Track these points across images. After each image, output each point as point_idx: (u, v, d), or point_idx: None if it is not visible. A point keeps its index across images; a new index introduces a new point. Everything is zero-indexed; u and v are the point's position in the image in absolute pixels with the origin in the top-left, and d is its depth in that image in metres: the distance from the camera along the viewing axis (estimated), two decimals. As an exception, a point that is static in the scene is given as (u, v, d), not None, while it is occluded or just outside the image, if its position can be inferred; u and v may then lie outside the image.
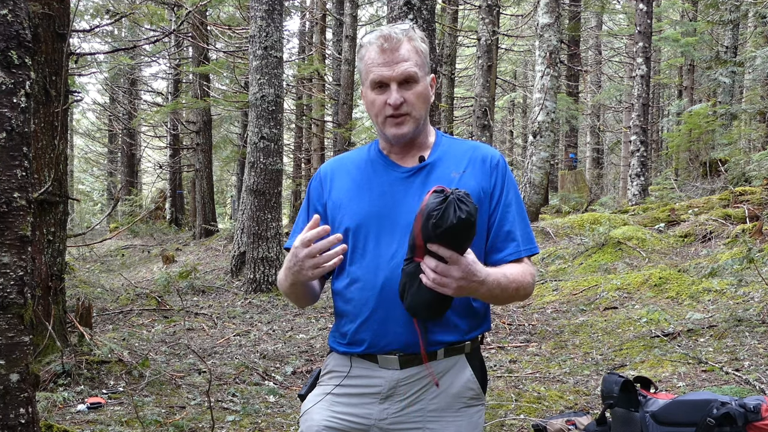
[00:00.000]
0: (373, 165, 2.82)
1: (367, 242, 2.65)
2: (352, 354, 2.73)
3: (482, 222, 2.70)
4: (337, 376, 2.78)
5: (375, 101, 2.71)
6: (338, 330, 2.80)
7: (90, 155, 45.10)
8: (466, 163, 2.76)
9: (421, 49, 2.72)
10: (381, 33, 2.70)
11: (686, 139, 20.89)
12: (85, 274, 16.24)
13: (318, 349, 8.99)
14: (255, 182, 13.18)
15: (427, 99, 2.74)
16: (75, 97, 7.71)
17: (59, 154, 6.65)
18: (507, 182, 2.77)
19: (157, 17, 19.52)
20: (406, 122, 2.68)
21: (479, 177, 2.73)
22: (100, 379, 6.88)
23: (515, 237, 2.72)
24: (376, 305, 2.61)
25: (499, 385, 6.98)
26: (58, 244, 6.82)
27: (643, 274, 10.62)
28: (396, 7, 8.97)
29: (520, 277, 2.65)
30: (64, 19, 6.75)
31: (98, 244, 23.71)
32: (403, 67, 2.65)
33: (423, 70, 2.71)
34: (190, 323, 10.59)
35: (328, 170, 2.92)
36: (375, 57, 2.68)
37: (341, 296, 2.74)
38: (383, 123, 2.71)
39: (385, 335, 2.62)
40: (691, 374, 6.70)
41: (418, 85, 2.69)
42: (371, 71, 2.69)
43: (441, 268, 2.32)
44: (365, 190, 2.74)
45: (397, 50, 2.66)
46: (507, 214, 2.74)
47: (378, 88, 2.69)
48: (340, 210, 2.75)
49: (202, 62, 23.40)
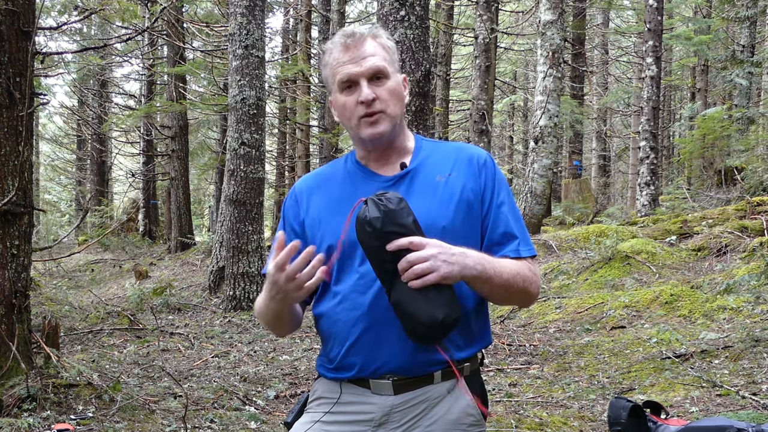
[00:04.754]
0: (352, 177, 2.83)
1: (353, 259, 2.65)
2: (342, 380, 2.73)
3: (474, 225, 2.72)
4: (327, 402, 2.78)
5: (346, 104, 2.72)
6: (326, 355, 2.80)
7: (57, 162, 45.08)
8: (452, 165, 2.77)
9: (387, 45, 2.75)
10: (343, 32, 2.74)
11: (699, 146, 20.95)
12: (51, 291, 16.19)
13: (303, 371, 8.99)
14: (235, 192, 13.18)
15: (400, 96, 2.76)
16: (41, 100, 7.71)
17: (24, 162, 6.65)
18: (497, 181, 2.79)
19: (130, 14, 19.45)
20: (381, 120, 2.69)
21: (467, 178, 2.74)
22: (68, 404, 6.86)
23: (514, 235, 2.74)
24: (365, 326, 2.61)
25: (498, 410, 6.99)
26: (22, 259, 6.80)
27: (653, 291, 10.64)
28: (387, 2, 8.99)
29: (525, 271, 2.67)
30: (29, 15, 6.75)
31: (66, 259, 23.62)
32: (371, 62, 2.67)
33: (392, 66, 2.74)
34: (164, 343, 10.58)
35: (303, 187, 2.93)
36: (339, 56, 2.71)
37: (328, 318, 2.73)
38: (357, 126, 2.71)
39: (377, 358, 2.62)
40: (704, 398, 6.71)
41: (389, 81, 2.71)
42: (337, 72, 2.71)
43: (413, 255, 2.34)
44: (346, 204, 2.71)
45: (362, 45, 2.68)
46: (500, 214, 2.75)
47: (347, 89, 2.70)
48: (320, 227, 2.75)
49: (177, 62, 23.43)
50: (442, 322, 2.38)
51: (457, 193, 2.69)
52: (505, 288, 2.59)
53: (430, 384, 2.66)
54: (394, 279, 2.40)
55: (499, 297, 2.67)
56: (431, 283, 2.34)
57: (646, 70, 19.96)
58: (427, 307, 2.36)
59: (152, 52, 27.60)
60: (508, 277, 2.58)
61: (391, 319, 2.48)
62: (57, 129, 43.50)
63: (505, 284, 2.57)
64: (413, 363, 2.61)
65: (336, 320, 2.69)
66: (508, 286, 2.59)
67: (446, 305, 2.39)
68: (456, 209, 2.67)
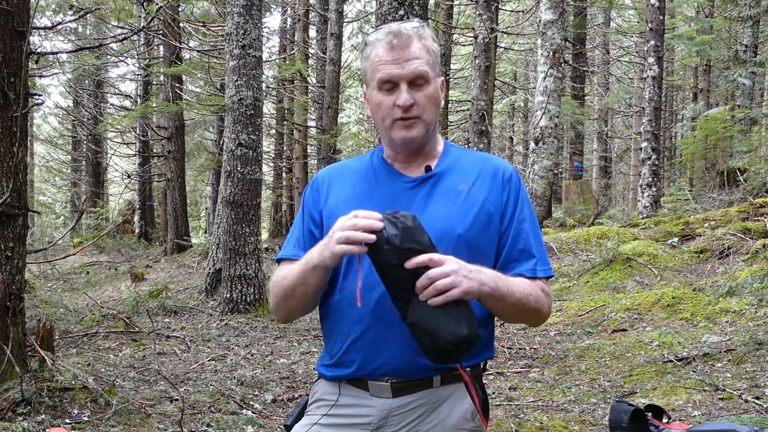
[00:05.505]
0: (376, 173, 2.82)
1: (365, 255, 2.62)
2: (341, 380, 2.73)
3: (491, 239, 2.72)
4: (325, 405, 2.78)
5: (382, 103, 2.69)
6: (327, 351, 2.80)
7: (52, 164, 45.03)
8: (476, 175, 2.76)
9: (432, 48, 2.72)
10: (390, 29, 2.69)
11: (702, 146, 20.95)
12: (46, 293, 16.19)
13: (300, 375, 8.99)
14: (232, 193, 13.16)
15: (437, 102, 2.74)
16: (35, 101, 7.72)
17: (18, 163, 6.65)
18: (521, 198, 2.79)
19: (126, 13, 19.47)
20: (415, 125, 2.67)
21: (489, 191, 2.73)
22: (62, 408, 6.86)
23: (532, 254, 2.73)
24: (369, 323, 2.60)
25: (498, 414, 6.99)
26: (17, 261, 6.80)
27: (654, 294, 10.65)
28: (386, 1, 8.99)
29: (538, 291, 2.67)
30: (24, 15, 6.75)
31: (61, 261, 23.61)
32: (414, 65, 2.64)
33: (434, 70, 2.71)
34: (160, 347, 10.58)
35: (326, 176, 2.91)
36: (383, 54, 2.67)
37: (333, 314, 2.73)
38: (390, 126, 2.69)
39: (377, 357, 2.62)
40: (707, 402, 6.71)
41: (429, 87, 2.68)
42: (378, 69, 2.68)
43: (434, 272, 2.33)
44: (366, 199, 2.73)
45: (408, 47, 2.65)
46: (521, 231, 2.74)
47: (386, 89, 2.68)
48: (336, 219, 2.68)
49: (174, 62, 23.42)
50: (467, 337, 2.38)
51: (478, 204, 2.69)
52: (517, 307, 2.60)
53: (429, 388, 2.65)
54: (411, 298, 2.39)
55: (511, 315, 2.69)
56: (453, 299, 2.34)
57: (647, 70, 19.99)
58: (451, 324, 2.36)
59: (148, 52, 27.55)
60: (521, 297, 2.58)
61: (396, 320, 2.48)
62: (52, 130, 43.53)
63: (517, 303, 2.58)
64: (413, 366, 2.60)
65: (341, 316, 2.69)
66: (520, 305, 2.60)
67: (468, 320, 2.40)
68: (474, 219, 2.67)
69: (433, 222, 2.57)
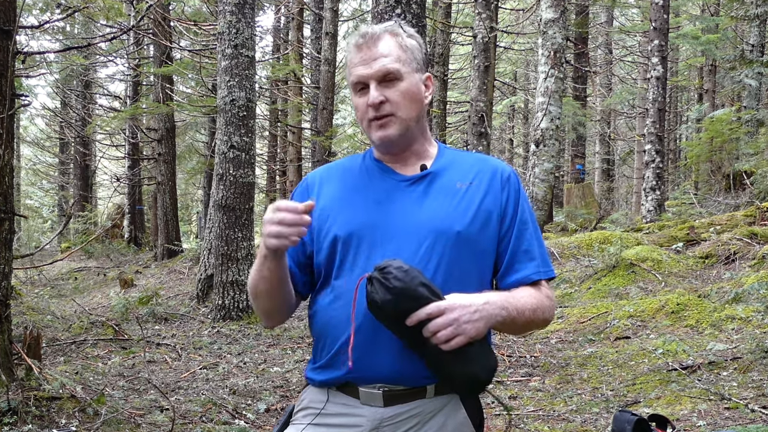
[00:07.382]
0: (368, 171, 2.83)
1: (358, 254, 2.64)
2: (330, 385, 2.72)
3: (490, 238, 2.72)
4: (312, 413, 2.77)
5: (359, 105, 2.73)
6: (316, 354, 2.79)
7: (39, 166, 45.03)
8: (474, 175, 2.78)
9: (406, 44, 2.74)
10: (360, 31, 2.74)
11: (707, 149, 20.97)
12: (33, 300, 16.16)
13: (294, 383, 8.98)
14: (224, 197, 13.16)
15: (415, 98, 2.74)
16: (22, 102, 7.71)
17: (4, 165, 6.65)
18: (521, 199, 2.80)
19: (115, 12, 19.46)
20: (391, 124, 2.69)
21: (488, 191, 2.74)
22: (50, 418, 6.86)
23: (534, 256, 2.75)
24: (359, 325, 2.58)
25: (497, 424, 6.99)
26: (2, 266, 6.80)
27: (659, 300, 10.64)
28: (382, 0, 9.00)
29: (543, 300, 2.70)
30: (10, 13, 6.75)
31: (48, 266, 23.61)
32: (380, 63, 2.67)
33: (409, 65, 2.72)
34: (151, 355, 10.57)
35: (317, 176, 2.93)
36: (353, 57, 2.73)
37: (323, 314, 2.72)
38: (368, 128, 2.72)
39: (368, 361, 2.60)
40: (712, 412, 6.71)
41: (402, 83, 2.70)
42: (350, 73, 2.74)
43: (434, 325, 2.37)
44: (359, 196, 2.74)
45: (375, 46, 2.69)
46: (524, 232, 2.76)
47: (360, 91, 2.71)
48: (328, 218, 2.73)
49: (164, 62, 23.42)
50: (493, 368, 2.50)
51: (476, 203, 2.70)
52: (526, 324, 2.66)
53: (422, 398, 2.64)
54: (425, 342, 2.43)
55: (518, 331, 2.73)
56: (461, 345, 2.38)
57: (651, 70, 19.99)
58: (472, 365, 2.45)
59: (138, 52, 27.57)
60: (530, 315, 2.63)
61: None
62: (39, 131, 43.45)
63: (527, 321, 2.63)
64: (406, 372, 2.59)
65: (331, 317, 2.68)
66: (529, 321, 2.64)
67: (486, 354, 2.48)
68: (473, 218, 2.68)
69: (430, 219, 2.61)
